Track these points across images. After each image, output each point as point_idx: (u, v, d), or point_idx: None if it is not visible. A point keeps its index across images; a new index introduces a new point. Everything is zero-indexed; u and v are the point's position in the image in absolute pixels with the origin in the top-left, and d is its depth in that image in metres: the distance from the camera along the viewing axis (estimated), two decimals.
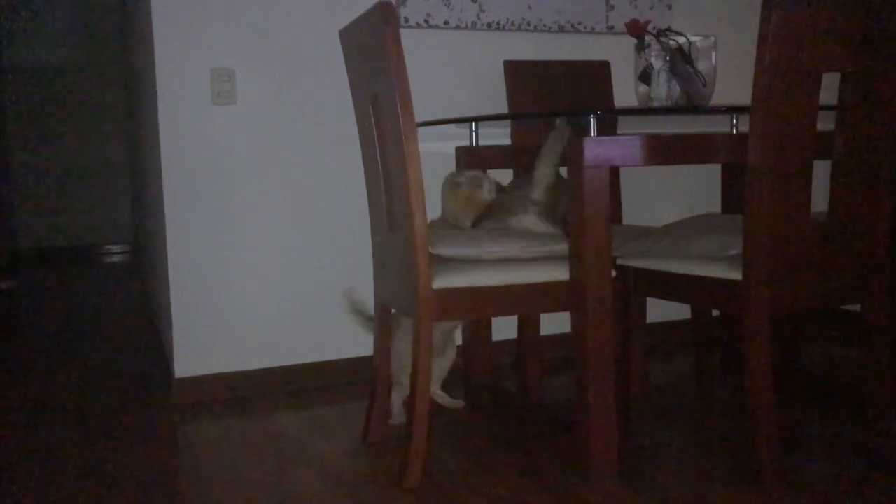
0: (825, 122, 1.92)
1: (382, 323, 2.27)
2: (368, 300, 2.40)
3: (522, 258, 2.06)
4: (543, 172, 2.16)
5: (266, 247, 2.77)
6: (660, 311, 2.82)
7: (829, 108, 1.93)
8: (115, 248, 6.89)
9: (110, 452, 2.27)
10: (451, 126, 2.71)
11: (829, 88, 1.90)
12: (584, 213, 1.94)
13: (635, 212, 3.06)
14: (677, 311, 3.02)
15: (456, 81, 2.92)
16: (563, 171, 2.10)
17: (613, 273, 2.03)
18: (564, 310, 2.06)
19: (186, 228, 2.68)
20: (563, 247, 2.06)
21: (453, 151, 2.70)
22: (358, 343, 2.78)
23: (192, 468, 2.16)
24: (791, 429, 2.27)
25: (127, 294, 4.99)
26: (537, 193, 2.16)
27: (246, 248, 2.75)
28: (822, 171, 1.94)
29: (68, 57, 6.68)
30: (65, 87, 6.67)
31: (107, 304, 4.65)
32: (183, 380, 2.70)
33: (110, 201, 6.83)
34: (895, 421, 2.05)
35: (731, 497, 1.88)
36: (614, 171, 2.88)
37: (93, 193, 6.80)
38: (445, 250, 2.02)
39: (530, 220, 2.16)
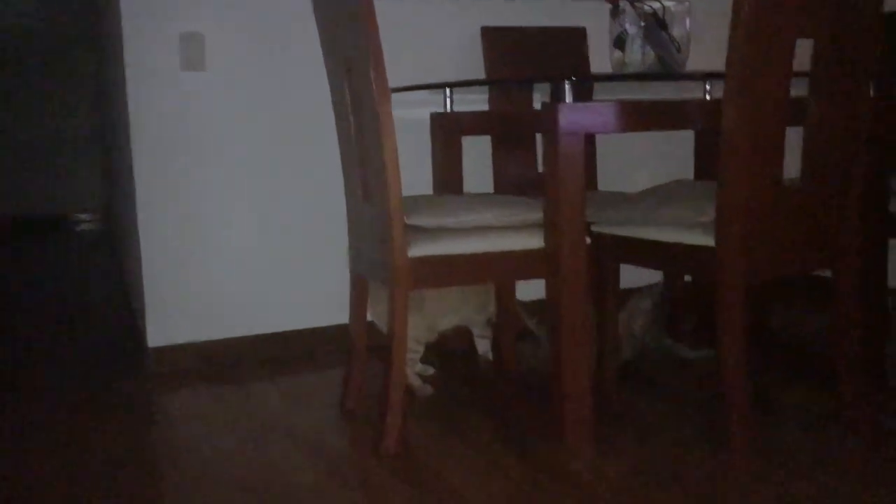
0: (798, 89, 1.92)
1: (359, 292, 2.26)
2: (344, 269, 2.39)
3: (497, 226, 2.06)
4: None
5: (240, 214, 2.74)
6: (633, 277, 2.83)
7: (802, 74, 1.93)
8: (85, 218, 6.79)
9: (82, 425, 2.25)
10: (426, 92, 2.68)
11: (803, 55, 1.91)
12: (559, 179, 1.94)
13: (610, 178, 3.07)
14: (650, 277, 3.04)
15: (432, 47, 2.89)
16: None
17: (588, 240, 2.03)
18: (539, 277, 2.06)
19: (157, 196, 2.64)
20: (537, 214, 2.06)
21: (428, 118, 2.67)
22: (334, 311, 2.78)
23: (166, 439, 2.15)
24: (763, 395, 2.30)
25: (98, 264, 4.94)
26: None
27: (219, 216, 2.72)
28: (794, 137, 1.95)
29: (35, 23, 6.51)
30: (32, 53, 6.51)
31: (77, 274, 4.59)
32: (156, 349, 2.68)
33: (80, 170, 6.71)
34: (864, 387, 2.09)
35: (702, 462, 1.91)
36: (590, 138, 2.87)
37: (61, 162, 6.68)
38: (421, 220, 2.01)
39: None
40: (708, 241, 1.93)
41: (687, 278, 2.98)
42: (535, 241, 2.04)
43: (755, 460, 1.90)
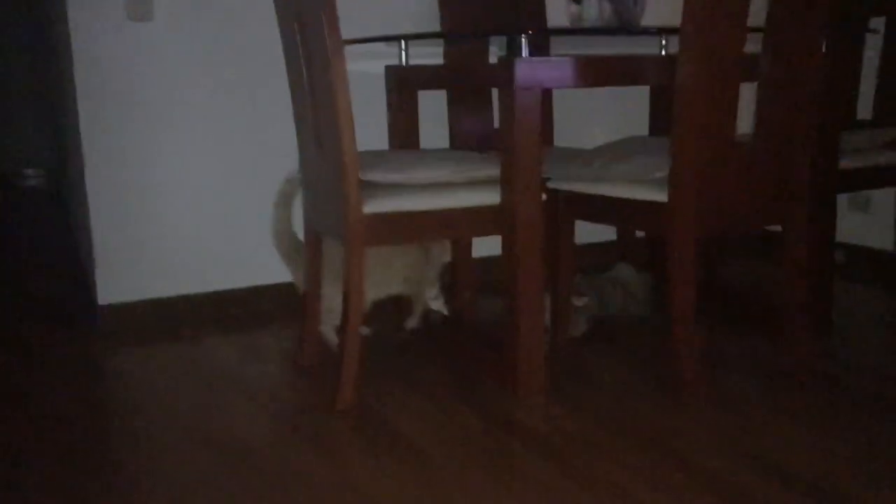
0: (753, 45, 1.93)
1: (313, 248, 2.24)
2: (297, 226, 2.36)
3: (453, 182, 2.05)
4: None
5: (192, 169, 2.69)
6: (587, 233, 2.86)
7: (756, 30, 1.94)
8: (32, 173, 6.61)
9: (31, 382, 2.22)
10: (381, 45, 2.63)
11: (758, 11, 1.91)
12: (516, 135, 1.93)
13: (566, 134, 3.06)
14: (604, 233, 3.07)
15: None
16: None
17: (544, 196, 2.04)
18: (496, 233, 2.06)
19: (106, 151, 2.57)
20: (494, 170, 2.05)
21: (383, 71, 2.63)
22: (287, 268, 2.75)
23: (117, 396, 2.13)
24: (712, 346, 2.35)
25: (46, 221, 4.82)
26: None
27: (170, 171, 2.66)
28: (747, 93, 1.96)
29: None
30: None
31: (25, 232, 4.48)
32: (107, 307, 2.64)
33: (25, 123, 6.51)
34: (809, 336, 2.15)
35: (653, 411, 1.95)
36: (546, 93, 2.86)
37: (5, 115, 6.47)
38: (376, 175, 1.99)
39: None
40: (661, 196, 1.94)
41: (640, 233, 3.01)
42: (491, 198, 2.04)
43: (706, 408, 1.95)
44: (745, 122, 2.02)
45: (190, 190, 2.70)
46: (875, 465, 1.68)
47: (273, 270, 2.80)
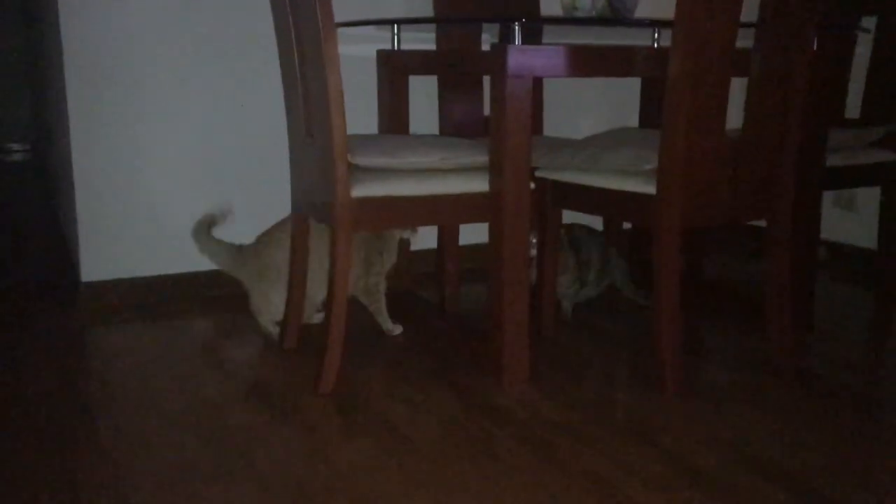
0: (744, 40, 1.93)
1: (299, 230, 2.23)
2: (286, 205, 2.35)
3: (442, 168, 2.05)
4: None
5: (178, 147, 2.67)
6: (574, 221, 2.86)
7: (749, 25, 1.94)
8: (16, 147, 6.54)
9: (13, 359, 2.20)
10: (373, 28, 2.62)
11: (751, 6, 1.91)
12: (506, 123, 1.93)
13: (556, 123, 3.06)
14: (590, 223, 3.08)
15: None
16: None
17: (532, 185, 2.04)
18: (483, 220, 2.06)
19: (92, 126, 2.55)
20: (483, 157, 2.05)
21: (374, 55, 2.62)
22: None
23: (99, 374, 2.12)
24: (694, 338, 2.37)
25: (30, 196, 4.78)
26: None
27: (156, 148, 2.64)
28: (737, 88, 1.97)
29: None
30: None
31: (9, 207, 4.44)
32: (90, 284, 2.62)
33: (9, 97, 6.43)
34: (790, 332, 2.16)
35: (635, 401, 1.96)
36: (537, 82, 2.86)
37: None
38: (365, 159, 1.98)
39: None
40: (649, 188, 1.95)
41: (626, 224, 3.02)
42: (479, 185, 2.04)
43: (686, 399, 1.96)
44: (734, 117, 2.02)
45: (175, 168, 2.68)
46: (853, 459, 1.70)
47: None
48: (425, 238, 2.83)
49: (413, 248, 2.62)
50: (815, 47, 2.07)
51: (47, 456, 1.68)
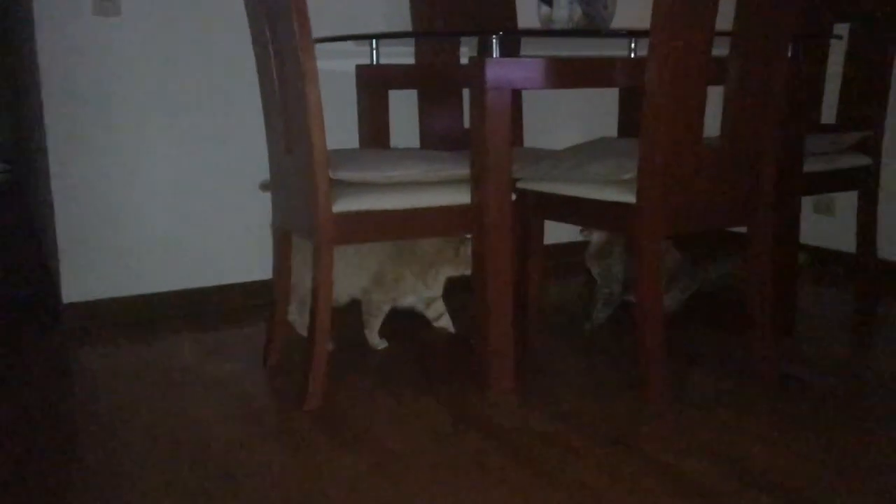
0: (721, 49, 1.95)
1: (281, 246, 2.23)
2: (266, 222, 2.34)
3: (424, 181, 2.05)
4: None
5: (158, 166, 2.66)
6: (556, 232, 2.87)
7: (725, 34, 1.97)
8: None
9: None
10: (352, 43, 2.63)
11: (726, 14, 1.93)
12: (486, 135, 1.94)
13: (536, 134, 3.08)
14: (572, 233, 3.09)
15: None
16: None
17: (513, 196, 2.05)
18: (466, 232, 2.07)
19: (71, 147, 2.54)
20: (464, 170, 2.06)
21: (353, 70, 2.63)
22: (255, 266, 2.74)
23: (82, 395, 2.10)
24: (677, 344, 2.38)
25: (9, 217, 4.73)
26: None
27: (136, 168, 2.63)
28: (714, 96, 1.98)
29: None
30: None
31: None
32: (72, 305, 2.60)
33: None
34: (772, 337, 2.18)
35: (621, 410, 1.97)
36: (516, 93, 2.87)
37: None
38: (346, 174, 1.98)
39: None
40: (629, 198, 1.96)
41: None
42: (461, 197, 2.05)
43: (672, 407, 1.97)
44: (712, 125, 2.04)
45: (156, 186, 2.67)
46: (836, 462, 1.71)
47: (238, 268, 2.79)
48: None
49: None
50: (789, 55, 2.09)
51: (30, 477, 1.66)
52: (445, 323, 2.50)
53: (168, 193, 2.68)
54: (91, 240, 2.60)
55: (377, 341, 2.38)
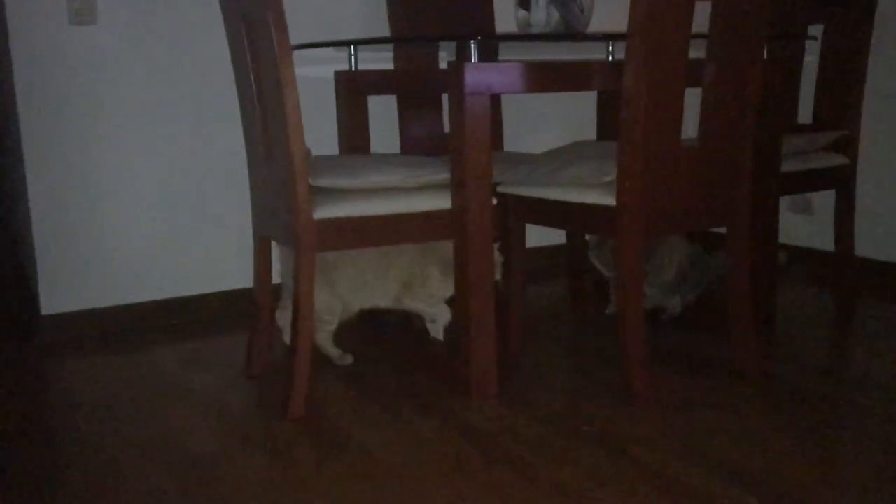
0: (697, 51, 1.96)
1: (262, 254, 2.22)
2: (247, 230, 2.33)
3: (405, 187, 2.05)
4: None
5: (135, 176, 2.64)
6: (537, 236, 2.88)
7: (701, 36, 1.98)
8: None
9: None
10: (330, 50, 2.62)
11: (703, 17, 1.95)
12: (465, 139, 1.94)
13: (515, 138, 3.09)
14: (554, 236, 3.10)
15: (334, 2, 2.83)
16: None
17: (494, 201, 2.05)
18: (447, 238, 2.07)
19: (47, 157, 2.51)
20: (444, 175, 2.06)
21: (332, 76, 2.62)
22: (235, 275, 2.72)
23: (61, 408, 2.08)
24: (660, 345, 2.39)
25: None
26: None
27: (114, 178, 2.61)
28: (691, 98, 2.00)
29: None
30: None
31: None
32: (50, 317, 2.57)
33: None
34: (753, 337, 2.19)
35: (603, 411, 1.97)
36: (495, 98, 2.88)
37: None
38: (326, 181, 1.98)
39: None
40: (609, 200, 1.97)
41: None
42: (442, 202, 2.05)
43: (655, 408, 1.97)
44: (689, 127, 2.05)
45: (134, 197, 2.65)
46: (819, 460, 1.72)
47: (219, 277, 2.77)
48: None
49: None
50: (765, 56, 2.11)
51: (10, 491, 1.63)
52: (437, 330, 2.48)
53: (147, 202, 2.66)
54: (69, 250, 2.57)
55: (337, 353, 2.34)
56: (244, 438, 1.88)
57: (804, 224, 3.30)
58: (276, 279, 2.26)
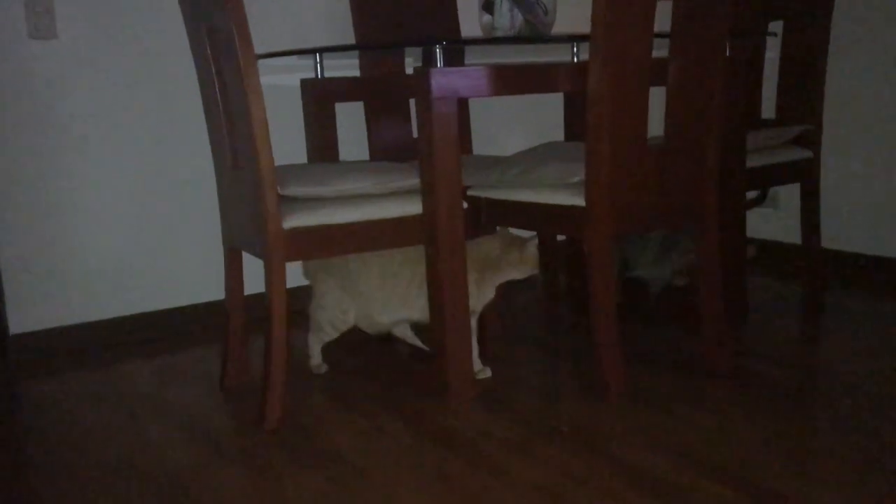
0: (661, 50, 1.98)
1: (232, 265, 2.20)
2: (215, 245, 2.31)
3: (375, 194, 2.05)
4: None
5: (101, 190, 2.61)
6: None
7: (663, 35, 2.00)
8: None
9: None
10: (296, 58, 2.61)
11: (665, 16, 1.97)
12: (434, 144, 1.94)
13: (484, 142, 3.10)
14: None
15: (299, 10, 2.82)
16: None
17: (465, 204, 2.05)
18: (418, 243, 2.07)
19: (10, 173, 2.48)
20: (414, 180, 2.06)
21: (298, 84, 2.61)
22: (207, 288, 2.70)
23: (33, 426, 2.05)
24: (633, 344, 2.40)
25: None
26: None
27: (79, 193, 2.58)
28: (656, 97, 2.02)
29: None
30: None
31: None
32: (19, 336, 2.53)
33: None
34: (724, 331, 2.21)
35: (581, 411, 1.98)
36: (463, 102, 2.88)
37: None
38: (295, 190, 1.97)
39: None
40: (579, 200, 1.98)
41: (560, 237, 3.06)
42: (412, 208, 2.05)
43: (630, 406, 1.99)
44: (655, 126, 2.07)
45: (101, 211, 2.62)
46: (790, 452, 1.74)
47: (191, 289, 2.75)
48: None
49: None
50: (727, 53, 2.14)
51: None
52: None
53: (114, 216, 2.64)
54: (36, 267, 2.54)
55: (479, 367, 2.21)
56: (220, 452, 1.86)
57: (770, 218, 3.34)
58: (247, 290, 2.24)
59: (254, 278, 2.20)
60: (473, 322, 2.14)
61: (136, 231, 2.67)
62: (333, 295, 2.23)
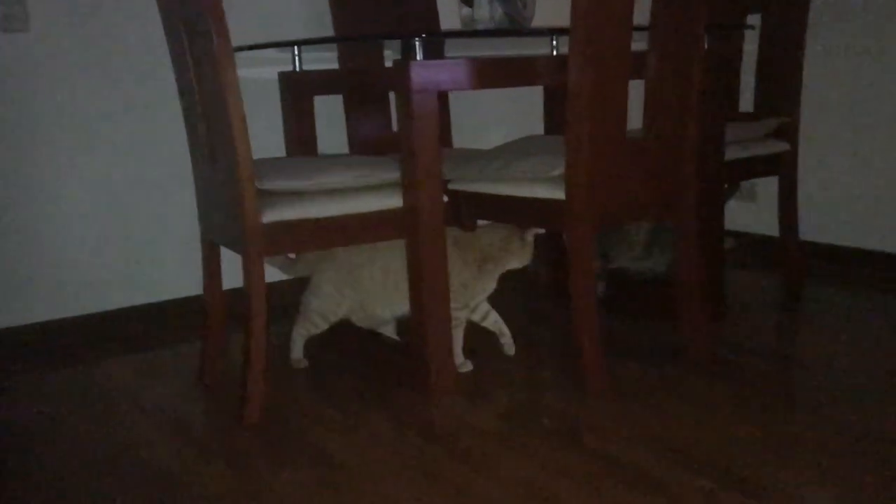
0: (640, 43, 1.99)
1: (210, 259, 2.18)
2: (194, 240, 2.29)
3: (354, 187, 2.04)
4: None
5: (77, 185, 2.58)
6: None
7: (642, 28, 2.00)
8: None
9: None
10: (273, 51, 2.59)
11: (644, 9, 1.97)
12: (414, 138, 1.93)
13: (464, 135, 3.09)
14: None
15: (276, 2, 2.79)
16: None
17: (445, 198, 2.05)
18: (399, 237, 2.06)
19: None
20: (394, 174, 2.05)
21: (276, 78, 2.59)
22: (186, 283, 2.67)
23: (11, 427, 2.02)
24: (614, 336, 2.41)
25: None
26: None
27: (54, 188, 2.54)
28: (635, 90, 2.02)
29: None
30: None
31: None
32: None
33: None
34: (703, 323, 2.23)
35: (561, 404, 1.99)
36: (443, 95, 2.87)
37: None
38: (274, 184, 1.95)
39: None
40: (559, 194, 1.98)
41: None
42: (392, 201, 2.04)
43: (610, 398, 1.99)
44: (634, 119, 2.07)
45: (77, 206, 2.58)
46: (772, 443, 1.76)
47: (169, 286, 2.72)
48: None
49: None
50: (706, 46, 2.15)
51: None
52: (497, 324, 2.32)
53: (90, 211, 2.60)
54: (12, 263, 2.50)
55: (462, 361, 2.20)
56: (201, 448, 1.85)
57: (748, 210, 3.36)
58: (226, 285, 2.22)
59: (234, 273, 2.18)
60: (468, 315, 2.15)
61: (113, 226, 2.64)
62: (331, 286, 2.22)
